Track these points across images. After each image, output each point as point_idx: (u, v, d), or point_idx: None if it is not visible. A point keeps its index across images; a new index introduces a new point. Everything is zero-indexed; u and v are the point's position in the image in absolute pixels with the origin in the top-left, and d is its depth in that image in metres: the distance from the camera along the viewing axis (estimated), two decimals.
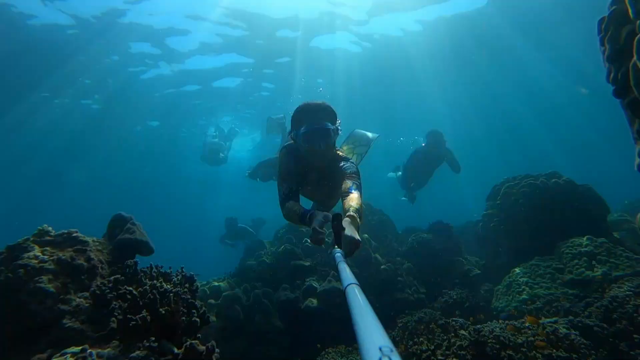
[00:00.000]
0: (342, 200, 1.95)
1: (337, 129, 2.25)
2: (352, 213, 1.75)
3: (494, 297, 4.94)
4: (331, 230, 1.52)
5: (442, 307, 5.03)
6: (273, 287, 5.40)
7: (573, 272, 4.50)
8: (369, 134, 3.32)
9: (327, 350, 4.39)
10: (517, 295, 4.62)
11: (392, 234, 7.49)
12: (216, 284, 5.54)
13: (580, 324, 3.34)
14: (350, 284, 0.74)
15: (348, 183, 2.05)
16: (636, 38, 1.48)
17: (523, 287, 4.66)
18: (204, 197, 33.78)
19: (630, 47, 1.64)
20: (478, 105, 16.54)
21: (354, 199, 1.90)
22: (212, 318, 4.73)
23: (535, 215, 5.52)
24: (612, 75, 1.80)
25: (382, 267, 5.80)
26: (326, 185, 2.44)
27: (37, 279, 1.86)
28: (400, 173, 8.71)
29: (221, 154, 11.91)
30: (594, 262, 4.48)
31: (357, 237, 1.55)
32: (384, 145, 19.02)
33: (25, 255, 1.97)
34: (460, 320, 3.06)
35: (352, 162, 2.29)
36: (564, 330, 3.07)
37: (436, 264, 6.22)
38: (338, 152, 2.43)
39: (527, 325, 2.84)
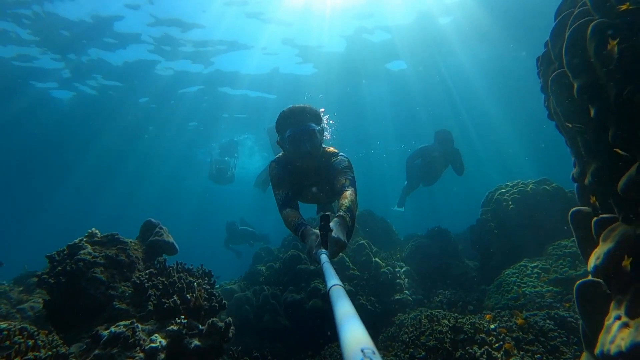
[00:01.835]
0: (338, 198, 1.97)
1: (322, 130, 2.21)
2: (341, 213, 1.71)
3: (486, 297, 5.28)
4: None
5: (437, 306, 5.39)
6: (280, 289, 5.83)
7: (558, 271, 4.84)
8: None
9: (330, 345, 4.79)
10: (506, 294, 4.96)
11: (393, 239, 7.88)
12: (228, 286, 6.01)
13: (556, 316, 3.70)
14: (335, 285, 0.73)
15: (341, 180, 2.01)
16: (550, 78, 1.93)
17: (512, 286, 5.00)
18: (212, 208, 34.57)
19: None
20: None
21: (346, 197, 1.86)
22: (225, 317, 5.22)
23: (525, 219, 5.88)
24: (546, 103, 2.25)
25: (382, 270, 6.19)
26: (325, 184, 2.36)
27: (92, 270, 2.37)
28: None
29: (229, 173, 11.69)
30: (577, 262, 4.82)
31: (343, 238, 1.53)
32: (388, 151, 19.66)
33: (81, 252, 2.49)
34: (443, 312, 3.46)
35: (343, 155, 2.23)
36: (539, 320, 3.45)
37: (434, 267, 6.58)
38: (327, 149, 2.34)
39: (501, 314, 3.22)
